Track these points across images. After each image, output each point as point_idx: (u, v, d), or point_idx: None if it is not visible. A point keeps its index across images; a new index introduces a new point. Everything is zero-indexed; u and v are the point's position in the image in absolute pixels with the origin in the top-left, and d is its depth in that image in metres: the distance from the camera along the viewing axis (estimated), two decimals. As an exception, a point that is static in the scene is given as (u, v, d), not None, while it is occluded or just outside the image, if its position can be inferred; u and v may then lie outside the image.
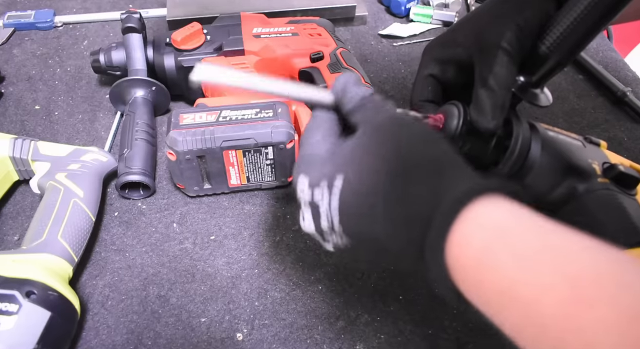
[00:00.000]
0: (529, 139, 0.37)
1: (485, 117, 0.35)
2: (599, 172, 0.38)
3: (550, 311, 0.20)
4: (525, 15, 0.35)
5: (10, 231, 0.51)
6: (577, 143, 0.41)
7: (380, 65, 0.72)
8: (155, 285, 0.47)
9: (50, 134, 0.61)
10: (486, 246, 0.23)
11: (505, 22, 0.35)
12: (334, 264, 0.49)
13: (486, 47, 0.36)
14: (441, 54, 0.41)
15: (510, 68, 0.35)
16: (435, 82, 0.41)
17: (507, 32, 0.35)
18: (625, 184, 0.38)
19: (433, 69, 0.41)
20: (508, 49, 0.35)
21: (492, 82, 0.35)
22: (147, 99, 0.60)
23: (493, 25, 0.36)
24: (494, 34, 0.36)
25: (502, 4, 0.38)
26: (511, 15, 0.36)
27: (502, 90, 0.35)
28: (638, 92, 0.67)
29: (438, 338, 0.43)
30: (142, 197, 0.54)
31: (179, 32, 0.60)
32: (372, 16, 0.81)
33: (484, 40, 0.36)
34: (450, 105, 0.38)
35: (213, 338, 0.43)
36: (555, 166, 0.38)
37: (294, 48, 0.63)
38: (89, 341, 0.43)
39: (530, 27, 0.35)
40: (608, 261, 0.21)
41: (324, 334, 0.44)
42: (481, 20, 0.38)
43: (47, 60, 0.72)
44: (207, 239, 0.51)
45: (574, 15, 0.34)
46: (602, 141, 0.42)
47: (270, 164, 0.51)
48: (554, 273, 0.21)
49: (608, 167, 0.38)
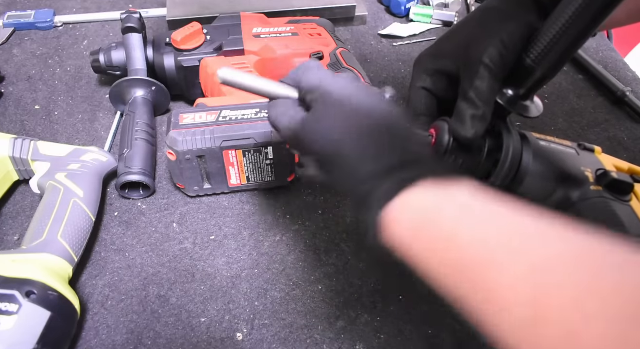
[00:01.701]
0: (520, 150, 0.38)
1: (463, 127, 0.37)
2: (592, 180, 0.38)
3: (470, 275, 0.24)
4: (509, 29, 0.36)
5: (10, 231, 0.51)
6: (570, 151, 0.41)
7: (380, 65, 0.72)
8: (155, 285, 0.47)
9: (50, 134, 0.61)
10: (413, 227, 0.28)
11: (488, 36, 0.36)
12: (334, 264, 0.49)
13: (469, 61, 0.37)
14: (432, 65, 0.41)
15: (492, 82, 0.36)
16: (428, 95, 0.42)
17: (489, 48, 0.36)
18: (618, 191, 0.38)
19: (425, 81, 0.42)
20: (490, 65, 0.36)
21: (472, 94, 0.37)
22: (147, 99, 0.60)
23: (477, 39, 0.37)
24: (477, 49, 0.37)
25: (487, 15, 0.39)
26: (495, 29, 0.37)
27: (482, 103, 0.36)
28: (638, 92, 0.67)
29: (438, 338, 0.43)
30: (142, 197, 0.54)
31: (179, 32, 0.60)
32: (372, 16, 0.81)
33: (468, 55, 0.37)
34: (441, 121, 0.39)
35: (213, 338, 0.43)
36: (548, 176, 0.38)
37: (294, 48, 0.63)
38: (89, 341, 0.43)
39: (514, 42, 0.36)
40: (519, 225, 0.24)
41: (324, 334, 0.44)
42: (467, 33, 0.39)
43: (47, 60, 0.72)
44: (207, 239, 0.51)
45: (557, 29, 0.34)
46: (596, 147, 0.42)
47: (270, 164, 0.51)
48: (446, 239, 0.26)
49: (601, 175, 0.38)
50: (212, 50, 0.61)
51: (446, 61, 0.40)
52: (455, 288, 0.25)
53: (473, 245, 0.25)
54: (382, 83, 0.69)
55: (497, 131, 0.39)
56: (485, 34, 0.37)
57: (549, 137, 0.41)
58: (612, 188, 0.38)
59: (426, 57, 0.42)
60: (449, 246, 0.26)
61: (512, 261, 0.23)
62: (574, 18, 0.33)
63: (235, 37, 0.62)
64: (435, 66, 0.41)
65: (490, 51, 0.36)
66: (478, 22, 0.39)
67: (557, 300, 0.20)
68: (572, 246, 0.22)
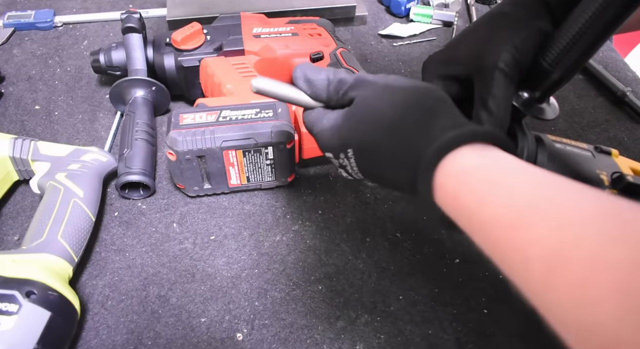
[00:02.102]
0: (534, 152, 0.38)
1: None
2: (607, 183, 0.38)
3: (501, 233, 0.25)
4: (522, 35, 0.36)
5: (10, 231, 0.51)
6: (586, 154, 0.40)
7: (380, 65, 0.72)
8: (155, 285, 0.47)
9: (50, 134, 0.61)
10: (459, 183, 0.28)
11: (502, 42, 0.37)
12: (334, 264, 0.49)
13: (484, 67, 0.37)
14: (443, 70, 0.42)
15: (509, 89, 0.37)
16: None
17: (503, 53, 0.36)
18: (634, 194, 0.38)
19: (437, 86, 0.42)
20: (505, 70, 0.36)
21: (491, 103, 0.37)
22: (147, 99, 0.60)
23: (491, 45, 0.37)
24: (491, 55, 0.37)
25: (498, 20, 0.39)
26: (508, 35, 0.37)
27: (501, 111, 0.37)
28: (638, 92, 0.67)
29: (438, 338, 0.43)
30: (142, 197, 0.54)
31: (179, 32, 0.60)
32: (372, 16, 0.81)
33: (482, 61, 0.37)
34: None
35: (213, 338, 0.43)
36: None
37: (294, 48, 0.63)
38: (89, 341, 0.43)
39: (527, 47, 0.36)
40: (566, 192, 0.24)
41: (324, 334, 0.44)
42: (480, 38, 0.39)
43: (47, 60, 0.72)
44: (207, 239, 0.51)
45: (574, 32, 0.34)
46: (613, 150, 0.42)
47: (270, 164, 0.51)
48: (502, 204, 0.25)
49: (616, 178, 0.38)
50: (212, 50, 0.61)
51: (458, 66, 0.40)
52: (485, 248, 0.26)
53: (501, 207, 0.25)
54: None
55: (512, 132, 0.39)
56: (498, 40, 0.37)
57: (565, 139, 0.41)
58: (628, 192, 0.38)
59: (436, 62, 0.42)
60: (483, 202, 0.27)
61: (538, 221, 0.23)
62: (591, 21, 0.33)
63: (235, 37, 0.62)
64: (447, 72, 0.41)
65: (505, 57, 0.36)
66: (489, 28, 0.39)
67: (580, 250, 0.21)
68: (597, 205, 0.22)
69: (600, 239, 0.20)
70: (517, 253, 0.23)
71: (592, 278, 0.19)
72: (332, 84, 0.38)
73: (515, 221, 0.24)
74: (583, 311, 0.20)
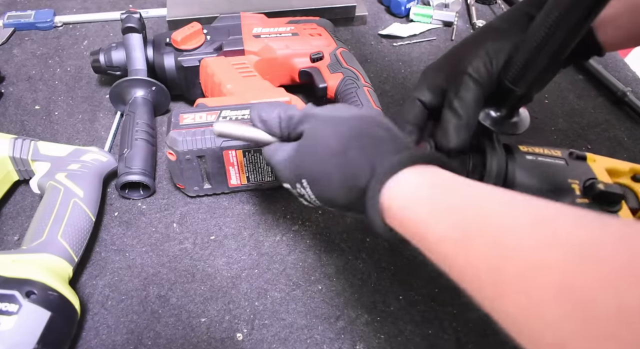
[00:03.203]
0: (504, 166, 0.39)
1: (446, 137, 0.38)
2: (579, 192, 0.38)
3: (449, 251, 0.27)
4: (497, 46, 0.37)
5: (10, 231, 0.51)
6: (559, 162, 0.41)
7: (380, 65, 0.72)
8: (155, 285, 0.47)
9: (50, 134, 0.61)
10: (403, 205, 0.30)
11: (477, 51, 0.38)
12: (334, 264, 0.49)
13: (456, 72, 0.38)
14: (431, 79, 0.43)
15: (475, 93, 0.38)
16: (421, 106, 0.43)
17: (475, 60, 0.37)
18: (607, 202, 0.38)
19: (422, 93, 0.43)
20: (474, 75, 0.37)
21: (457, 104, 0.38)
22: (147, 99, 0.60)
23: (468, 55, 0.39)
24: (465, 61, 0.38)
25: (483, 33, 0.40)
26: (485, 45, 0.38)
27: (466, 113, 0.38)
28: (638, 92, 0.67)
29: (438, 338, 0.43)
30: (142, 197, 0.54)
31: (179, 32, 0.60)
32: (372, 16, 0.81)
33: (456, 67, 0.39)
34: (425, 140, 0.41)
35: (213, 338, 0.43)
36: (534, 190, 0.38)
37: (294, 48, 0.63)
38: (89, 341, 0.43)
39: (500, 57, 0.37)
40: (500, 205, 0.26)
41: (324, 334, 0.44)
42: (463, 49, 0.41)
43: (47, 60, 0.72)
44: (207, 239, 0.51)
45: (530, 49, 0.35)
46: (587, 154, 0.42)
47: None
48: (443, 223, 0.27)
49: (588, 187, 0.38)
50: (212, 50, 0.61)
51: (442, 75, 0.41)
52: (439, 265, 0.28)
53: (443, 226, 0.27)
54: (382, 83, 0.69)
55: (482, 148, 0.40)
56: (476, 50, 0.38)
57: (537, 148, 0.41)
58: (600, 200, 0.38)
59: (430, 70, 0.43)
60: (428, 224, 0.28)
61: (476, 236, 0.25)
62: (545, 40, 0.33)
63: (235, 37, 0.62)
64: (434, 81, 0.42)
65: (475, 63, 0.37)
66: (473, 40, 0.40)
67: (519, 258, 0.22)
68: (529, 212, 0.24)
69: (535, 245, 0.21)
70: (468, 268, 0.25)
71: (533, 282, 0.20)
72: (284, 121, 0.40)
73: (457, 240, 0.26)
74: (531, 313, 0.20)
